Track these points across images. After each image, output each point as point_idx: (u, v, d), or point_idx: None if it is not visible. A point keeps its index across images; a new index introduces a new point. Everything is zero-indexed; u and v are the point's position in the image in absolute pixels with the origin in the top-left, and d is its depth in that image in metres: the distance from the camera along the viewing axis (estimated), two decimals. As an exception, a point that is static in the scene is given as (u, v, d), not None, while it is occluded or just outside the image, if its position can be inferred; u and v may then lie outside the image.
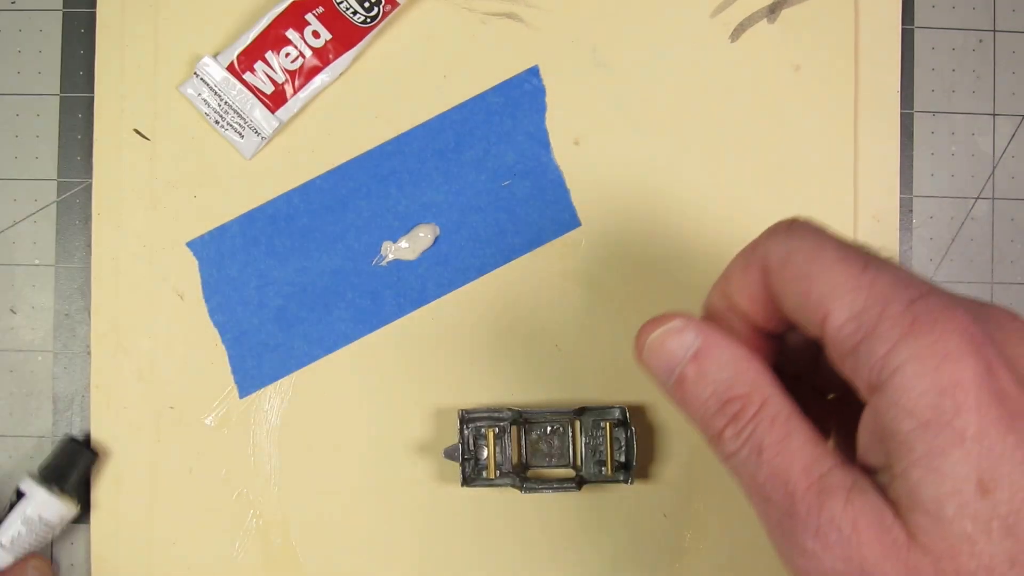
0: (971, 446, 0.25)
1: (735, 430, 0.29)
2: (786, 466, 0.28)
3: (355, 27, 0.45)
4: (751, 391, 0.29)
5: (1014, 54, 0.49)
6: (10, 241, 0.47)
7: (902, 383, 0.26)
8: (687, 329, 0.31)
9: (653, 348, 0.31)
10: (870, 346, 0.27)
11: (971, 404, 0.25)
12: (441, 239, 0.46)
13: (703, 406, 0.30)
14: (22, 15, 0.47)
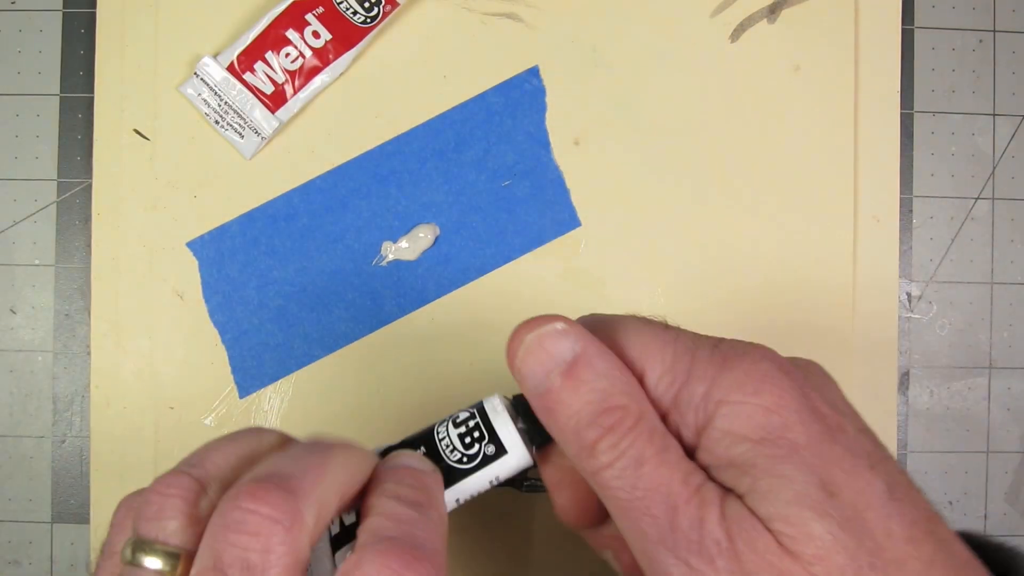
0: (806, 454, 0.26)
1: (612, 441, 0.28)
2: (667, 478, 0.27)
3: (355, 27, 0.45)
4: (629, 402, 0.28)
5: (1014, 54, 0.49)
6: (10, 241, 0.47)
7: (728, 413, 0.27)
8: (568, 333, 0.30)
9: (530, 349, 0.30)
10: (689, 390, 0.28)
11: (795, 419, 0.26)
12: (441, 239, 0.46)
13: (575, 415, 0.29)
14: (22, 15, 0.47)
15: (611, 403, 0.28)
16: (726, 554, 0.26)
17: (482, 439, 0.31)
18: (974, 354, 0.49)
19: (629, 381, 0.29)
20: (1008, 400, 0.49)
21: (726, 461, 0.27)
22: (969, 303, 0.49)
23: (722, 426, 0.27)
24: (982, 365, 0.49)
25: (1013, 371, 0.49)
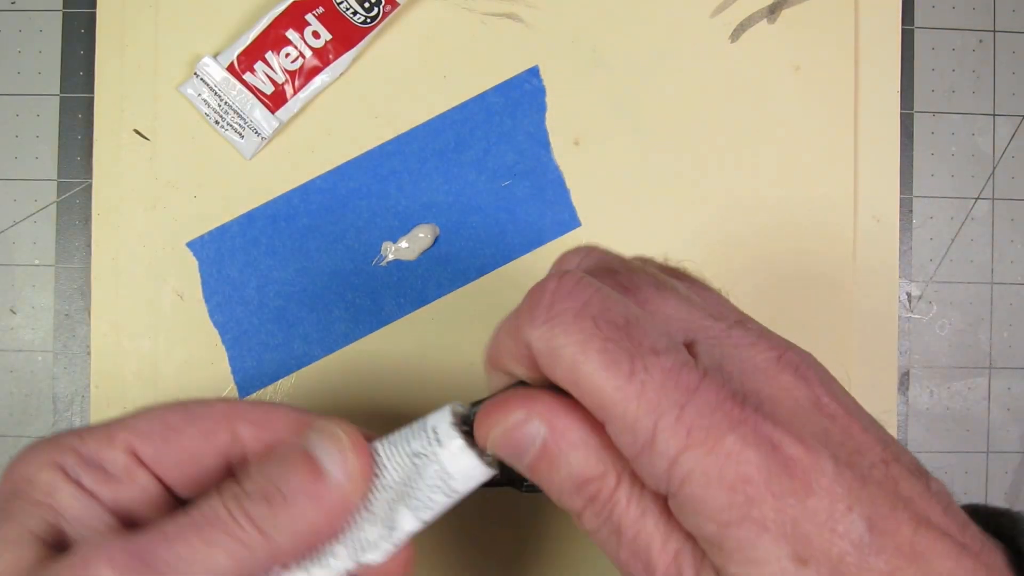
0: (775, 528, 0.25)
1: (593, 511, 0.29)
2: (645, 546, 0.28)
3: (355, 27, 0.45)
4: (605, 470, 0.28)
5: (1014, 54, 0.49)
6: (10, 241, 0.47)
7: (692, 493, 0.26)
8: (530, 421, 0.29)
9: (498, 445, 0.29)
10: (651, 459, 0.26)
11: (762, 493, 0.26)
12: (441, 239, 0.46)
13: (559, 488, 0.29)
14: (22, 15, 0.47)
15: (585, 475, 0.28)
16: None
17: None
18: (974, 354, 0.49)
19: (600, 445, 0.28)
20: (1008, 400, 0.49)
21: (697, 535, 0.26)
22: (969, 303, 0.49)
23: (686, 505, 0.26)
24: (982, 365, 0.49)
25: (1013, 371, 0.49)
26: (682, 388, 0.27)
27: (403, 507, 0.31)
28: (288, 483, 0.30)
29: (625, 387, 0.26)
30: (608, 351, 0.27)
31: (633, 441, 0.26)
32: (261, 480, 0.30)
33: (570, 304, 0.28)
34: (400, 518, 0.31)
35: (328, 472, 0.30)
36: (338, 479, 0.31)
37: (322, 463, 0.30)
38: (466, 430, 0.30)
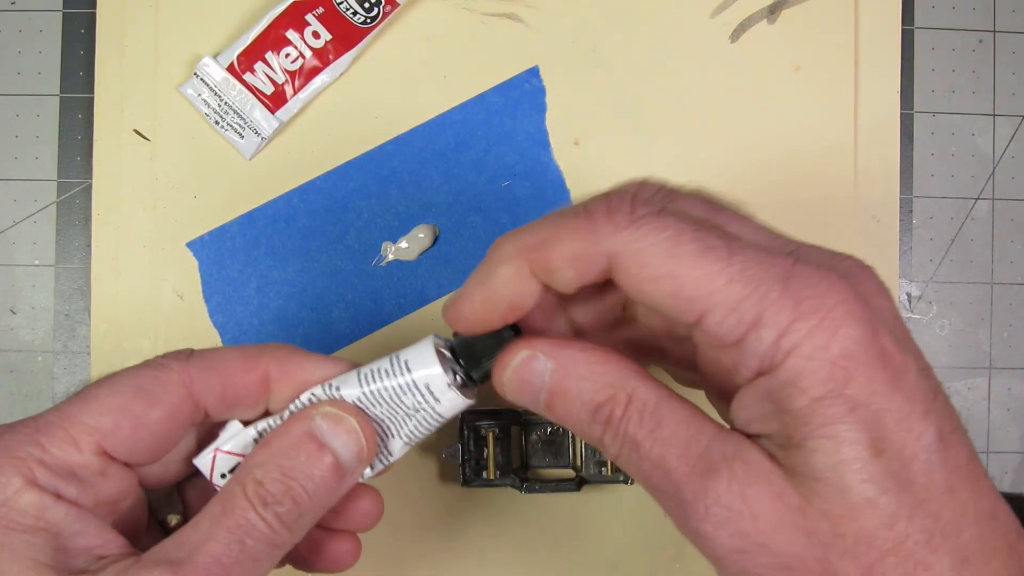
0: (862, 412, 0.26)
1: (612, 434, 0.29)
2: (662, 456, 0.28)
3: (355, 27, 0.45)
4: (615, 392, 0.29)
5: (1014, 54, 0.49)
6: (10, 241, 0.47)
7: (796, 365, 0.26)
8: (536, 357, 0.30)
9: (511, 387, 0.30)
10: (758, 336, 0.26)
11: (860, 372, 0.26)
12: (441, 240, 0.46)
13: (578, 420, 0.30)
14: (22, 15, 0.47)
15: (598, 399, 0.29)
16: (736, 517, 0.26)
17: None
18: (974, 354, 0.49)
19: (607, 369, 0.29)
20: (1008, 400, 0.49)
21: (783, 410, 0.27)
22: (969, 303, 0.49)
23: (785, 377, 0.26)
24: (982, 365, 0.49)
25: (1013, 371, 0.49)
26: (780, 265, 0.27)
27: (392, 435, 0.33)
28: (311, 479, 0.31)
29: (726, 269, 0.27)
30: (701, 239, 0.27)
31: (739, 322, 0.26)
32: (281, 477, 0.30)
33: (650, 208, 0.28)
34: (391, 445, 0.33)
35: (346, 464, 0.31)
36: (354, 467, 0.32)
37: (340, 455, 0.31)
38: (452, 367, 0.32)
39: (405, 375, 0.32)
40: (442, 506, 0.46)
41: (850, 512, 0.26)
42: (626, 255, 0.27)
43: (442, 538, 0.46)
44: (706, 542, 0.27)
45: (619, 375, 0.29)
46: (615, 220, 0.28)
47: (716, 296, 0.27)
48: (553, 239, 0.29)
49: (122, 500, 0.32)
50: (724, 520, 0.27)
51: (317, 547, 0.35)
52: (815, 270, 0.27)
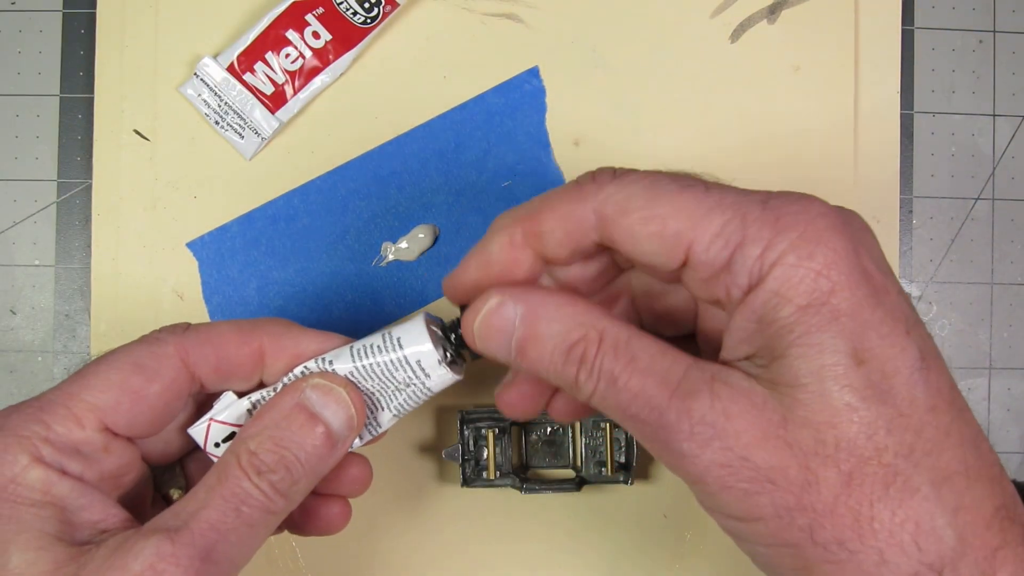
0: (846, 321, 0.27)
1: (586, 372, 0.30)
2: (643, 384, 0.29)
3: (355, 28, 0.45)
4: (587, 331, 0.30)
5: (1014, 54, 0.49)
6: (10, 242, 0.47)
7: (781, 274, 0.27)
8: (506, 302, 0.31)
9: (482, 334, 0.31)
10: (743, 253, 0.28)
11: (844, 282, 0.27)
12: (441, 240, 0.46)
13: (551, 363, 0.30)
14: (22, 16, 0.47)
15: (570, 339, 0.30)
16: (720, 434, 0.27)
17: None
18: (974, 354, 0.49)
19: (576, 310, 0.30)
20: (1008, 400, 0.49)
21: (768, 322, 0.27)
22: (969, 303, 0.49)
23: (771, 287, 0.27)
24: (982, 366, 0.49)
25: (1013, 371, 0.49)
26: (758, 194, 0.28)
27: (382, 407, 0.35)
28: (303, 448, 0.32)
29: (705, 199, 0.28)
30: (678, 180, 0.29)
31: (725, 244, 0.28)
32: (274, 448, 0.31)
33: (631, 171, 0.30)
34: (380, 417, 0.35)
35: (337, 433, 0.32)
36: (344, 436, 0.33)
37: (331, 425, 0.32)
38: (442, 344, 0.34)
39: (397, 351, 0.33)
40: (442, 506, 0.46)
41: (831, 418, 0.27)
42: (611, 206, 0.29)
43: (442, 538, 0.46)
44: (689, 462, 0.28)
45: (589, 315, 0.30)
46: (599, 181, 0.30)
47: (700, 226, 0.28)
48: (544, 206, 0.31)
49: (125, 475, 0.33)
50: (708, 438, 0.27)
51: (309, 512, 0.37)
52: (791, 193, 0.28)
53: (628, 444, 0.44)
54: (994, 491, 0.28)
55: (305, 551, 0.45)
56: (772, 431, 0.27)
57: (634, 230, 0.29)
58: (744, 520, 0.28)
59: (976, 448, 0.28)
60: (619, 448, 0.44)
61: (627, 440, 0.44)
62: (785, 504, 0.27)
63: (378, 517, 0.46)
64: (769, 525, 0.28)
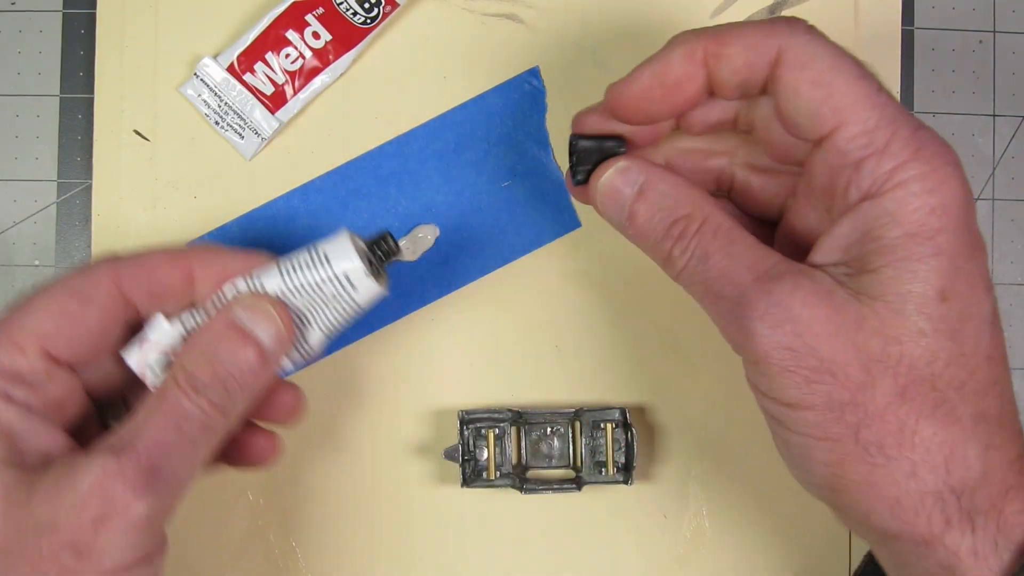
0: (943, 260, 0.29)
1: (682, 247, 0.32)
2: (731, 265, 0.31)
3: (355, 28, 0.45)
4: (692, 211, 0.32)
5: (1014, 55, 0.49)
6: (10, 242, 0.47)
7: (902, 197, 0.29)
8: (631, 168, 0.34)
9: (604, 192, 0.34)
10: (879, 161, 0.29)
11: (952, 227, 0.29)
12: (441, 240, 0.46)
13: (652, 233, 0.33)
14: (22, 16, 0.47)
15: (676, 215, 0.32)
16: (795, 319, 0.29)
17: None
18: (974, 355, 0.49)
19: (689, 193, 0.33)
20: (1008, 401, 0.49)
21: (874, 236, 0.29)
22: (969, 304, 0.49)
23: (889, 206, 0.29)
24: (982, 366, 0.49)
25: (1013, 372, 0.48)
26: (914, 119, 0.30)
27: (311, 325, 0.36)
28: (236, 364, 0.33)
29: (874, 96, 0.30)
30: (860, 67, 0.30)
31: (869, 143, 0.30)
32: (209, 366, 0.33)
33: (823, 35, 0.31)
34: (310, 335, 0.37)
35: (267, 348, 0.34)
36: (274, 350, 0.34)
37: (261, 341, 0.34)
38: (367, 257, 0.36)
39: (324, 266, 0.35)
40: (442, 507, 0.46)
41: (902, 336, 0.29)
42: (796, 51, 0.30)
43: (442, 539, 0.46)
44: (757, 340, 0.30)
45: (698, 198, 0.33)
46: (794, 24, 0.31)
47: (858, 114, 0.30)
48: (733, 30, 0.32)
49: (68, 404, 0.34)
50: (781, 320, 0.29)
51: (242, 443, 0.38)
52: (936, 135, 0.30)
53: (628, 445, 0.44)
54: (1018, 440, 0.31)
55: (305, 551, 0.45)
56: (844, 330, 0.29)
57: (801, 85, 0.30)
58: (794, 407, 0.30)
59: (1011, 401, 0.31)
60: (619, 448, 0.44)
61: (627, 440, 0.44)
62: (840, 398, 0.29)
63: (378, 517, 0.46)
64: (818, 415, 0.29)
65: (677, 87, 0.33)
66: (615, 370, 0.46)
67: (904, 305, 0.29)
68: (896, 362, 0.29)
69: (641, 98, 0.34)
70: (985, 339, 0.30)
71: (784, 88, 0.31)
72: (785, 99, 0.31)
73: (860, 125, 0.30)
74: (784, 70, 0.31)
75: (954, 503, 0.29)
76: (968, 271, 0.30)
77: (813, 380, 0.29)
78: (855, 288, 0.30)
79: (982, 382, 0.30)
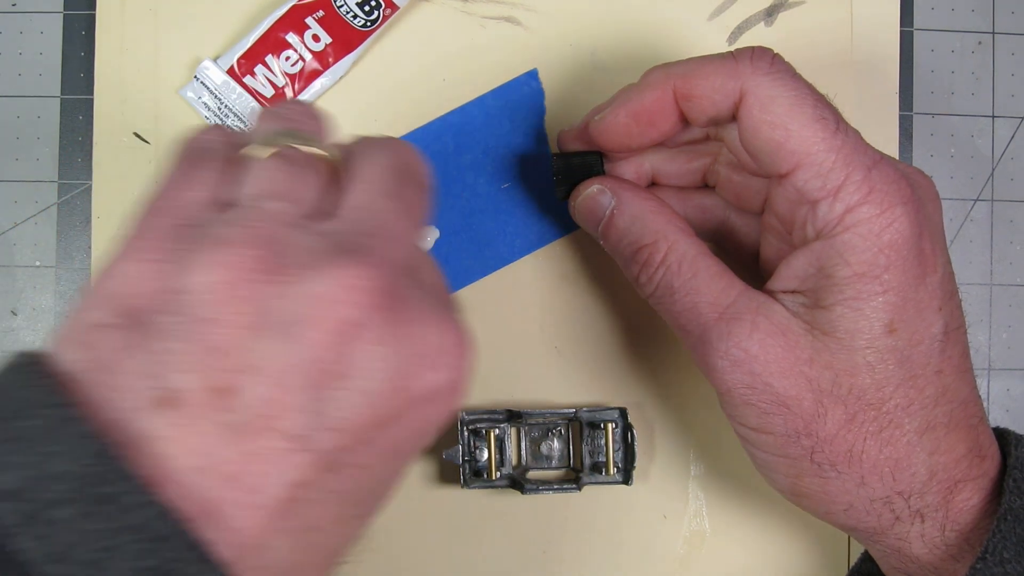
0: (891, 296, 0.31)
1: (647, 275, 0.35)
2: (695, 302, 0.33)
3: (355, 31, 0.45)
4: (657, 239, 0.34)
5: (1013, 56, 0.49)
6: (11, 243, 0.47)
7: (851, 240, 0.31)
8: (603, 193, 0.37)
9: (579, 210, 0.38)
10: (831, 204, 0.31)
11: (899, 262, 0.31)
12: (440, 242, 0.46)
13: (621, 256, 0.36)
14: (23, 17, 0.47)
15: (642, 243, 0.35)
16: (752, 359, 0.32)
17: None
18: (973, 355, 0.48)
19: (656, 219, 0.35)
20: (1007, 401, 0.49)
21: (826, 274, 0.31)
22: (968, 304, 0.48)
23: (840, 248, 0.31)
24: (981, 367, 0.49)
25: (1012, 372, 0.49)
26: (868, 155, 0.32)
27: None
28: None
29: (830, 139, 0.32)
30: (819, 108, 0.32)
31: (821, 187, 0.31)
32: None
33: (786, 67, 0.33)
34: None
35: None
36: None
37: None
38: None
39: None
40: (442, 507, 0.46)
41: (851, 370, 0.31)
42: (757, 95, 0.32)
43: (442, 540, 0.46)
44: (720, 376, 0.33)
45: (666, 225, 0.35)
46: (757, 66, 0.33)
47: (814, 158, 0.31)
48: (700, 71, 0.33)
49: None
50: (740, 360, 0.32)
51: None
52: (893, 170, 0.32)
53: (628, 445, 0.44)
54: (969, 436, 0.33)
55: (305, 552, 0.45)
56: (798, 366, 0.31)
57: (761, 128, 0.32)
58: (756, 431, 0.33)
59: (964, 404, 0.33)
60: (619, 449, 0.44)
61: (627, 441, 0.44)
62: (795, 427, 0.32)
63: (378, 518, 0.46)
64: (777, 440, 0.33)
65: (652, 124, 0.35)
66: (614, 370, 0.46)
67: (853, 341, 0.31)
68: (846, 393, 0.32)
69: (619, 133, 0.36)
70: (935, 356, 0.32)
71: (745, 129, 0.33)
72: (746, 138, 0.33)
73: (815, 168, 0.31)
74: (745, 112, 0.32)
75: (902, 503, 0.33)
76: (916, 299, 0.31)
77: (770, 412, 0.32)
78: (809, 321, 0.32)
79: (931, 396, 0.32)
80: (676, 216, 0.35)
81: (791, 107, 0.32)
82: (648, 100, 0.35)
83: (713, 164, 0.39)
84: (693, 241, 0.34)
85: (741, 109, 0.33)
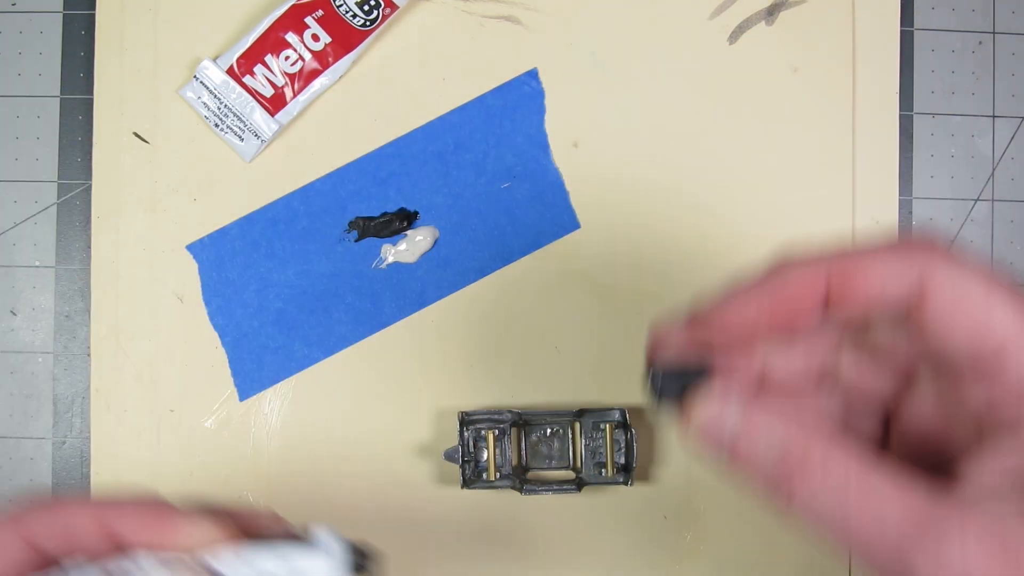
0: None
1: (804, 488, 0.28)
2: (881, 519, 0.27)
3: (354, 30, 0.45)
4: (806, 450, 0.28)
5: (1013, 56, 0.49)
6: (11, 243, 0.47)
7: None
8: (728, 403, 0.29)
9: (697, 437, 0.29)
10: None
11: None
12: (440, 242, 0.46)
13: (758, 477, 0.28)
14: (23, 17, 0.47)
15: (792, 457, 0.28)
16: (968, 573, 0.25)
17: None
18: (973, 356, 0.49)
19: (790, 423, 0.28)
20: (1007, 402, 0.49)
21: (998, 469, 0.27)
22: (968, 305, 0.49)
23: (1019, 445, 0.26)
24: (981, 367, 0.49)
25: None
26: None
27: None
28: None
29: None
30: (1009, 286, 0.27)
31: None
32: None
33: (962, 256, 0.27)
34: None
35: None
36: None
37: None
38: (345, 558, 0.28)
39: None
40: (442, 508, 0.46)
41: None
42: (945, 280, 0.27)
43: (442, 540, 0.46)
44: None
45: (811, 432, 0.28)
46: (932, 249, 0.27)
47: (1017, 345, 0.26)
48: (861, 254, 0.28)
49: None
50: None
51: None
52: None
53: (628, 445, 0.44)
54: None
55: (305, 552, 0.45)
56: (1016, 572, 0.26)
57: (956, 316, 0.27)
58: None
59: None
60: (619, 449, 0.44)
61: (627, 441, 0.44)
62: None
63: (379, 518, 0.46)
64: None
65: (790, 315, 0.29)
66: (615, 371, 0.46)
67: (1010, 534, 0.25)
68: None
69: (743, 326, 0.29)
70: None
71: (934, 319, 0.27)
72: (934, 330, 0.28)
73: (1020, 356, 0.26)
74: (929, 302, 0.27)
75: None
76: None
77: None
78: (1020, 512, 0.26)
79: None
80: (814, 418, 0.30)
81: (986, 291, 0.27)
82: (795, 291, 0.28)
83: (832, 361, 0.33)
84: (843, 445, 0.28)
85: (927, 300, 0.27)
